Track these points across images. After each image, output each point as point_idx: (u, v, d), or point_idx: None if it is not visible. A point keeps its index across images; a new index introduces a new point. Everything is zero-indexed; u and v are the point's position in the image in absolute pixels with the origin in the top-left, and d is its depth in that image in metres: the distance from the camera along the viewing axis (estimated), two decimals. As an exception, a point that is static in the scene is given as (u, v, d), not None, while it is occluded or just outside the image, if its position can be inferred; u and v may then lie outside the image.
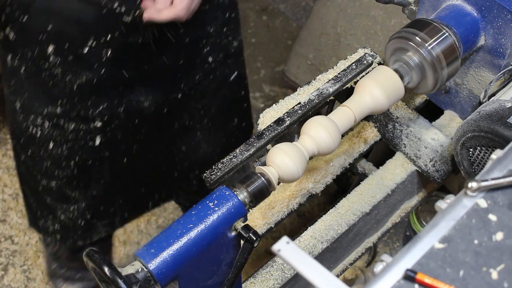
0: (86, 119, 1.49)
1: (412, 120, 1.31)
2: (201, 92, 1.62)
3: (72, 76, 1.42)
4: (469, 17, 1.13)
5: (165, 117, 1.60)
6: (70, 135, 1.51)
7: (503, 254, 0.78)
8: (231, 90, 1.70)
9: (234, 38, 1.62)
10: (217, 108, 1.69)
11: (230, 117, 1.76)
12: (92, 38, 1.37)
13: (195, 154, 1.73)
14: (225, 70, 1.64)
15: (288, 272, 1.21)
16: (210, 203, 0.96)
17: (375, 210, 1.31)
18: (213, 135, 1.73)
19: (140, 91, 1.51)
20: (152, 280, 0.92)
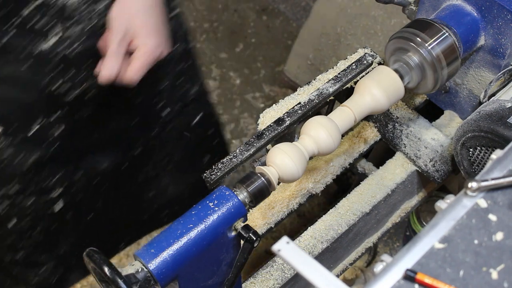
0: (44, 191, 1.47)
1: (412, 120, 1.31)
2: (160, 144, 1.59)
3: (23, 156, 1.40)
4: (469, 17, 1.13)
5: (126, 172, 1.57)
6: (29, 209, 1.48)
7: (503, 254, 0.78)
8: (196, 133, 1.66)
9: (193, 85, 1.58)
10: (182, 154, 1.66)
11: (199, 156, 1.73)
12: (38, 119, 1.34)
13: (163, 197, 1.72)
14: (185, 117, 1.60)
15: (288, 272, 1.21)
16: (210, 203, 0.96)
17: (375, 210, 1.31)
18: (181, 177, 1.71)
19: (96, 155, 1.49)
20: (152, 280, 0.92)
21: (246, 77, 2.70)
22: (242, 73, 2.71)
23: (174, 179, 1.70)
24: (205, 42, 2.81)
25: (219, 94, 2.65)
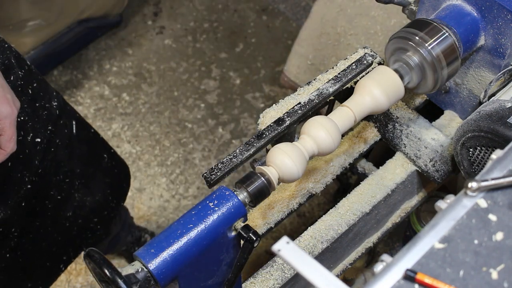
0: None
1: (412, 120, 1.31)
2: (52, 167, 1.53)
3: None
4: (469, 17, 1.13)
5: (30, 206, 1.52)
6: None
7: (503, 254, 0.78)
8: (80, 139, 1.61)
9: (50, 100, 1.50)
10: (81, 165, 1.62)
11: (98, 158, 1.69)
12: None
13: (84, 209, 1.67)
14: (63, 131, 1.55)
15: (288, 272, 1.21)
16: (210, 203, 0.96)
17: (375, 210, 1.31)
18: (93, 184, 1.67)
19: None
20: (152, 280, 0.92)
21: (246, 77, 2.70)
22: (242, 73, 2.71)
23: (87, 189, 1.65)
24: (205, 42, 2.81)
25: (219, 94, 2.65)
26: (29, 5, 2.39)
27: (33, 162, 1.47)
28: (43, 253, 1.64)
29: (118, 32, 2.85)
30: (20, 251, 1.56)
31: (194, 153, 2.51)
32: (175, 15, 2.91)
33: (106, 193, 1.70)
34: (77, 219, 1.66)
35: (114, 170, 1.73)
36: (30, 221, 1.54)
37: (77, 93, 2.71)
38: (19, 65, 1.40)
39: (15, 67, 1.39)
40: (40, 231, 1.59)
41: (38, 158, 1.48)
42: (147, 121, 2.60)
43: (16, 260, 1.57)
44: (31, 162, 1.46)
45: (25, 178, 1.46)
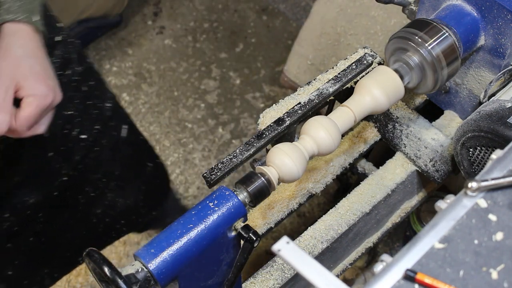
0: None
1: (412, 120, 1.31)
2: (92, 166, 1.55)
3: None
4: (469, 17, 1.13)
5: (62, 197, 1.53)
6: None
7: (503, 254, 0.78)
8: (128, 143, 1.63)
9: (105, 101, 1.53)
10: (122, 168, 1.63)
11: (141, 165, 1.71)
12: None
13: (113, 210, 1.68)
14: (111, 133, 1.56)
15: (288, 272, 1.21)
16: (210, 203, 0.96)
17: (375, 210, 1.31)
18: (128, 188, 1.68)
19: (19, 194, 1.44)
20: (152, 280, 0.92)
21: (246, 77, 2.70)
22: (242, 73, 2.71)
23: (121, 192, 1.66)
24: (205, 42, 2.81)
25: (219, 94, 2.65)
26: (29, 5, 2.39)
27: (75, 157, 1.48)
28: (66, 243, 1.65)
29: (118, 32, 2.85)
30: (44, 238, 1.57)
31: (194, 153, 2.51)
32: (175, 15, 2.91)
33: (138, 199, 1.70)
34: (105, 217, 1.67)
35: (154, 179, 1.75)
36: (60, 211, 1.55)
37: (77, 93, 2.71)
38: (80, 61, 1.42)
39: (74, 62, 1.40)
40: (67, 222, 1.60)
41: (80, 154, 1.49)
42: (147, 121, 2.60)
43: (38, 245, 1.58)
44: (72, 156, 1.48)
45: (63, 171, 1.48)
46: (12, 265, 1.57)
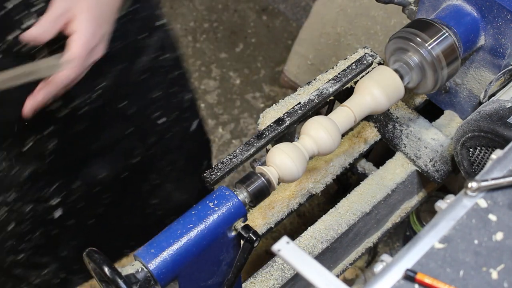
0: (42, 200, 1.46)
1: (412, 120, 1.31)
2: (162, 151, 1.59)
3: (19, 169, 1.39)
4: (469, 17, 1.13)
5: (128, 180, 1.56)
6: (28, 215, 1.48)
7: (503, 254, 0.78)
8: (194, 139, 1.67)
9: (186, 92, 1.58)
10: (186, 159, 1.67)
11: (199, 162, 1.74)
12: (31, 136, 1.33)
13: (168, 203, 1.71)
14: (183, 124, 1.60)
15: (288, 272, 1.21)
16: (210, 203, 0.96)
17: (375, 210, 1.31)
18: (185, 183, 1.71)
19: (93, 165, 1.48)
20: (152, 280, 0.92)
21: (246, 77, 2.70)
22: (242, 73, 2.71)
23: (179, 185, 1.70)
24: (205, 42, 2.81)
25: (219, 94, 2.65)
26: (29, 5, 2.39)
27: (149, 139, 1.53)
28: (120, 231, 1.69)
29: (118, 32, 2.85)
30: (104, 221, 1.61)
31: (194, 153, 2.51)
32: (175, 15, 2.91)
33: (193, 195, 1.72)
34: (159, 210, 1.71)
35: None
36: (123, 196, 1.59)
37: (77, 93, 2.71)
38: (171, 50, 1.47)
39: (167, 50, 1.45)
40: (127, 209, 1.64)
41: (154, 137, 1.54)
42: (147, 121, 2.60)
43: (97, 228, 1.62)
44: (147, 138, 1.52)
45: (136, 151, 1.52)
46: (68, 246, 1.60)
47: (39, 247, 1.56)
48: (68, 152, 1.40)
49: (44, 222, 1.51)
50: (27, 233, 1.52)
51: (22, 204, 1.45)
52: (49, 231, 1.54)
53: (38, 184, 1.43)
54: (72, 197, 1.49)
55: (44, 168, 1.40)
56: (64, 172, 1.45)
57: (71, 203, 1.50)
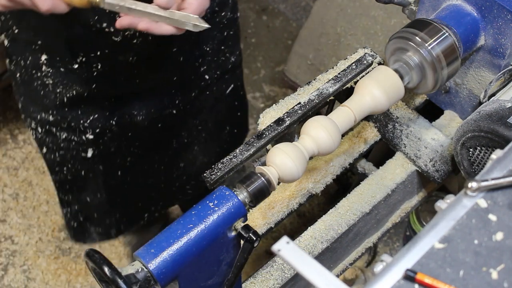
0: (77, 130, 1.49)
1: (412, 120, 1.31)
2: (197, 108, 1.61)
3: (63, 89, 1.43)
4: (469, 17, 1.13)
5: (161, 133, 1.59)
6: (62, 143, 1.52)
7: (503, 254, 0.78)
8: (227, 103, 1.69)
9: (232, 54, 1.61)
10: (214, 122, 1.69)
11: (224, 127, 1.77)
12: (82, 54, 1.36)
13: (192, 167, 1.74)
14: (222, 85, 1.63)
15: (288, 272, 1.21)
16: (210, 203, 0.96)
17: (375, 210, 1.31)
18: (209, 147, 1.74)
19: (132, 104, 1.50)
20: (152, 280, 0.92)
21: (246, 77, 2.70)
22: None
23: (204, 148, 1.72)
24: (205, 42, 2.81)
25: (219, 94, 2.65)
26: (29, 5, 2.38)
27: (190, 93, 1.55)
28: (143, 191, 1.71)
29: (118, 32, 2.85)
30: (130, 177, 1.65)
31: (194, 153, 2.51)
32: (175, 15, 2.91)
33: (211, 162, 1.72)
34: (183, 175, 1.74)
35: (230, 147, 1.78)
36: (153, 150, 1.62)
37: (77, 93, 2.71)
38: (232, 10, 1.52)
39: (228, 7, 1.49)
40: (154, 166, 1.66)
41: (195, 91, 1.57)
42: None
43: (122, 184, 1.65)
44: (189, 91, 1.55)
45: (176, 100, 1.55)
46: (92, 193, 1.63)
47: (65, 183, 1.61)
48: (110, 82, 1.42)
49: (75, 159, 1.55)
50: (57, 163, 1.56)
51: (58, 128, 1.49)
52: (77, 170, 1.58)
53: (76, 111, 1.47)
54: (105, 137, 1.52)
55: (85, 95, 1.43)
56: (102, 105, 1.47)
57: (103, 145, 1.53)
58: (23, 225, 2.34)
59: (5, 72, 2.48)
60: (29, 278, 2.23)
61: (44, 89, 1.44)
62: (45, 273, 2.24)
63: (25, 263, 2.26)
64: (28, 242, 2.31)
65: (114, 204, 1.70)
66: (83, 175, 1.59)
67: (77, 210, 1.68)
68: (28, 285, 2.22)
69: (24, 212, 2.38)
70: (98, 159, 1.56)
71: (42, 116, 1.49)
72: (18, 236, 2.32)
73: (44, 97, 1.45)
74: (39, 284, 2.22)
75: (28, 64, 1.42)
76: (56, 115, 1.47)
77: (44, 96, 1.45)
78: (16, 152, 2.53)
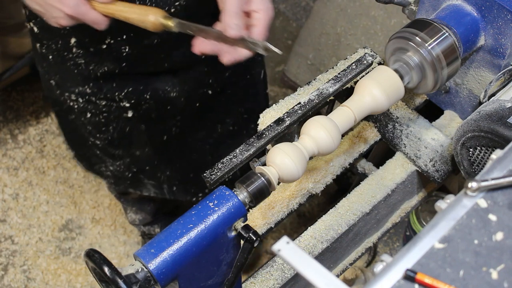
0: (114, 100, 1.56)
1: (412, 120, 1.31)
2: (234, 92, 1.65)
3: (95, 66, 1.49)
4: (469, 17, 1.13)
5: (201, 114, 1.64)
6: (104, 108, 1.59)
7: (503, 254, 0.78)
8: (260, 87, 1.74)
9: None
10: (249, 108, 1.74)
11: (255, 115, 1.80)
12: (109, 37, 1.41)
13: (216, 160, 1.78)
14: (256, 68, 1.66)
15: (288, 272, 1.21)
16: (210, 203, 0.96)
17: (375, 210, 1.31)
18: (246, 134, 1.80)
19: (165, 80, 1.55)
20: (152, 280, 0.92)
21: (246, 77, 2.70)
22: (242, 73, 2.71)
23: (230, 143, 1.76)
24: (205, 42, 2.81)
25: (219, 94, 2.65)
26: (29, 5, 2.39)
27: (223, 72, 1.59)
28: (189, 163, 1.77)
29: (118, 32, 2.85)
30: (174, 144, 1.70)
31: (194, 153, 2.51)
32: (175, 15, 2.91)
33: None
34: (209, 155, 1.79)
35: None
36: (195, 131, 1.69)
37: (77, 93, 2.71)
38: None
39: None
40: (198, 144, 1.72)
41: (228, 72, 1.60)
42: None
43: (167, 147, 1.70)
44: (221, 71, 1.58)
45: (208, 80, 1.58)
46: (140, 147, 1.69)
47: (114, 140, 1.67)
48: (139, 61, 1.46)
49: (118, 119, 1.61)
50: (103, 124, 1.63)
51: (97, 97, 1.57)
52: (122, 128, 1.64)
53: (111, 84, 1.54)
54: (142, 106, 1.58)
55: (116, 71, 1.49)
56: (134, 80, 1.52)
57: (142, 111, 1.59)
58: (23, 225, 2.34)
59: (5, 72, 2.49)
60: (29, 278, 2.23)
61: (77, 68, 1.51)
62: (45, 273, 2.24)
63: (25, 263, 2.26)
64: (28, 242, 2.31)
65: (162, 161, 1.76)
66: (128, 132, 1.66)
67: (130, 162, 1.75)
68: (28, 285, 2.22)
69: (24, 212, 2.38)
70: (139, 119, 1.62)
71: (80, 89, 1.56)
72: (18, 236, 2.32)
73: (79, 74, 1.52)
74: (39, 284, 2.22)
75: (60, 47, 1.48)
76: (93, 88, 1.55)
77: (79, 74, 1.52)
78: (16, 152, 2.53)
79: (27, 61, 2.53)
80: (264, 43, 1.12)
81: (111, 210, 2.40)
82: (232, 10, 1.10)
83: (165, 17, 1.14)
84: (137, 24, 1.16)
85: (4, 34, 2.38)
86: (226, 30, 1.10)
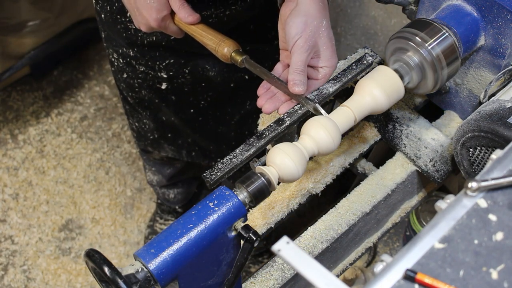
0: (153, 69, 1.61)
1: (412, 120, 1.31)
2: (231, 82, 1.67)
3: (144, 33, 1.53)
4: (469, 17, 1.13)
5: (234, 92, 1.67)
6: (140, 74, 1.65)
7: (503, 254, 0.78)
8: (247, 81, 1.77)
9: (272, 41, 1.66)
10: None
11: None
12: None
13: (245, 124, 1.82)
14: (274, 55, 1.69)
15: (288, 272, 1.21)
16: (210, 203, 0.96)
17: (375, 210, 1.31)
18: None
19: (206, 59, 1.58)
20: (152, 280, 0.92)
21: (246, 77, 2.70)
22: (242, 73, 2.70)
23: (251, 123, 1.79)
24: (205, 42, 2.81)
25: (219, 94, 2.65)
26: (29, 5, 2.39)
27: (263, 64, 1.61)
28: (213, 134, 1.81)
29: (118, 32, 2.85)
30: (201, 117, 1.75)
31: (194, 153, 2.51)
32: (175, 15, 2.91)
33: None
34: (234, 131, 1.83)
35: None
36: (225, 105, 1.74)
37: (77, 93, 2.71)
38: None
39: None
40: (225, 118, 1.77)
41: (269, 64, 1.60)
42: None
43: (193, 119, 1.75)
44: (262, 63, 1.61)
45: None
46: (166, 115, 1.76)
47: (143, 102, 1.74)
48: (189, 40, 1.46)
49: (151, 88, 1.68)
50: (136, 86, 1.70)
51: (138, 62, 1.62)
52: (153, 97, 1.71)
53: (155, 53, 1.58)
54: (178, 80, 1.63)
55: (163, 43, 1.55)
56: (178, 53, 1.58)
57: (177, 85, 1.65)
58: (23, 225, 2.34)
59: (5, 72, 2.49)
60: (29, 278, 2.23)
61: (126, 32, 1.56)
62: (45, 273, 2.24)
63: (25, 263, 2.26)
64: (28, 242, 2.31)
65: (186, 131, 1.81)
66: (157, 102, 1.71)
67: (154, 127, 1.81)
68: (28, 285, 2.22)
69: (24, 212, 2.38)
70: (171, 91, 1.67)
71: (123, 50, 1.61)
72: (18, 236, 2.32)
73: (127, 38, 1.57)
74: (39, 284, 2.22)
75: (114, 9, 1.53)
76: (137, 52, 1.59)
77: (127, 37, 1.57)
78: (16, 152, 2.53)
79: (27, 61, 2.54)
80: (316, 105, 1.14)
81: (111, 210, 2.40)
82: (298, 67, 1.13)
83: (236, 51, 1.22)
84: (210, 50, 1.25)
85: (4, 34, 2.39)
86: (290, 85, 1.13)
